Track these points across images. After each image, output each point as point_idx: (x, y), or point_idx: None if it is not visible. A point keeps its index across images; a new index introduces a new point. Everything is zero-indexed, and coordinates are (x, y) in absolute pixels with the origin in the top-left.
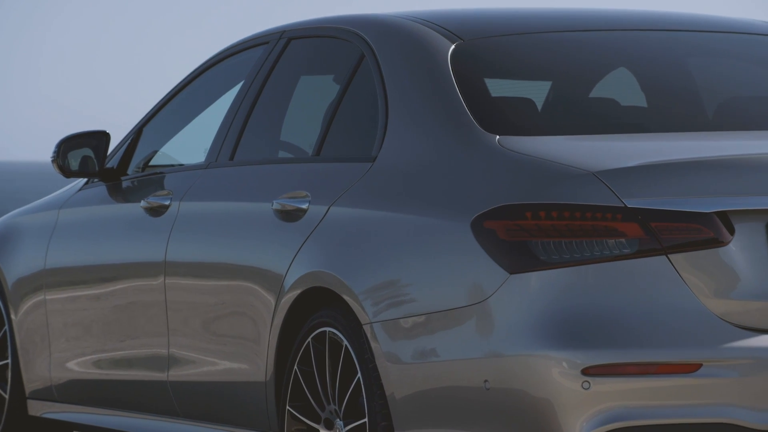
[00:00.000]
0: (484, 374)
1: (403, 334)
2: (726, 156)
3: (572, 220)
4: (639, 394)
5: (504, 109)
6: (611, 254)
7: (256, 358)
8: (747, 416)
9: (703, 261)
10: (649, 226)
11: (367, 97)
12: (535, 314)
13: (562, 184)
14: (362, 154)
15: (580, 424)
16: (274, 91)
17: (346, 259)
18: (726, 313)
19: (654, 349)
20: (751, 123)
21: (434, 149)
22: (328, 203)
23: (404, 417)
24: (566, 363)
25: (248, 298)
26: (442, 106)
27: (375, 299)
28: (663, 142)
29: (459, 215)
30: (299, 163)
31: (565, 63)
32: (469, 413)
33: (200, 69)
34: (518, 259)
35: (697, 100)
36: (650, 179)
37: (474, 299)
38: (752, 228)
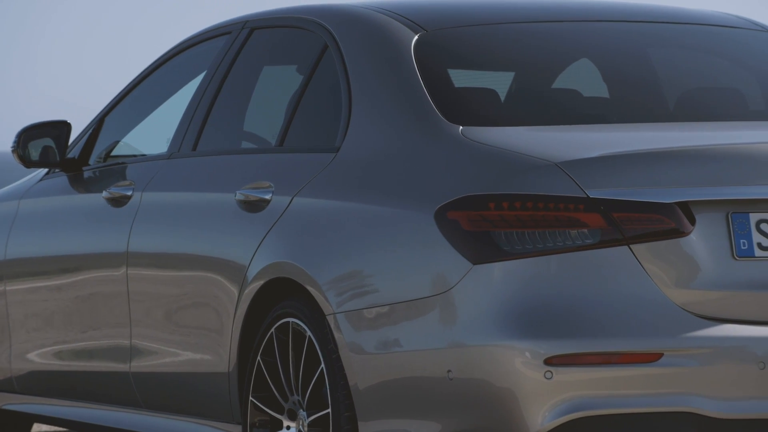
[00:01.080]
0: (448, 364)
1: (367, 325)
2: (687, 147)
3: (535, 211)
4: (601, 384)
5: (467, 99)
6: (574, 245)
7: (219, 349)
8: (707, 405)
9: (665, 251)
10: (611, 216)
11: (331, 88)
12: (498, 304)
13: (525, 174)
14: (326, 144)
15: (542, 414)
16: (237, 81)
17: (309, 250)
18: (687, 302)
19: (616, 339)
20: (711, 114)
21: (397, 140)
22: (291, 194)
23: (367, 407)
24: (529, 353)
25: (211, 289)
26: (405, 97)
27: (338, 290)
28: (625, 133)
29: (422, 206)
30: (262, 154)
31: (528, 54)
32: (433, 403)
33: (162, 59)
34: (481, 250)
35: (658, 92)
36: (612, 170)
37: (437, 290)
38: (713, 218)
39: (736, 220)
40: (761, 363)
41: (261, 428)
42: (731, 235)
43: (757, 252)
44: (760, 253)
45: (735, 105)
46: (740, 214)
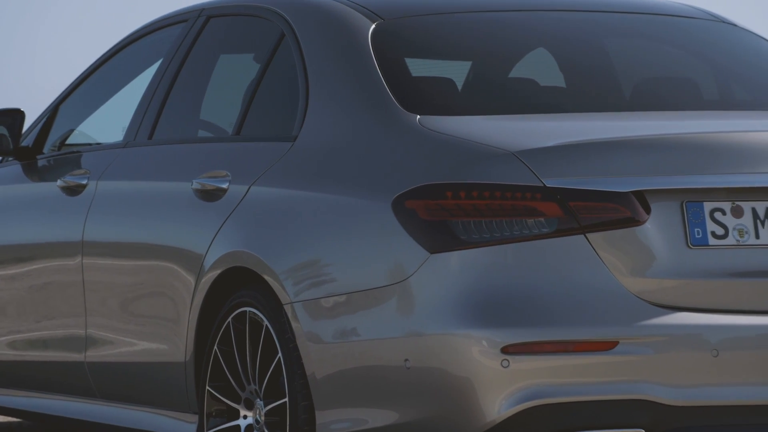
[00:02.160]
0: (405, 353)
1: (324, 314)
2: (642, 136)
3: (492, 200)
4: (557, 372)
5: (424, 89)
6: (531, 233)
7: (175, 339)
8: (661, 392)
9: (620, 240)
10: (567, 205)
11: (288, 77)
12: (455, 293)
13: (483, 163)
14: (283, 133)
15: (499, 402)
16: (194, 69)
17: (266, 239)
18: (642, 291)
19: (572, 327)
20: (666, 104)
21: (355, 129)
22: (248, 183)
23: (325, 396)
24: (486, 341)
25: (167, 278)
26: (362, 86)
27: (296, 279)
28: (581, 122)
29: (380, 195)
30: (219, 143)
31: (485, 43)
32: (390, 392)
33: (118, 47)
34: (439, 239)
35: (614, 81)
36: (569, 159)
37: (395, 279)
38: (668, 207)
39: (690, 209)
40: (715, 351)
41: (217, 418)
42: (686, 223)
43: (711, 241)
44: (714, 242)
45: (690, 95)
46: (694, 203)
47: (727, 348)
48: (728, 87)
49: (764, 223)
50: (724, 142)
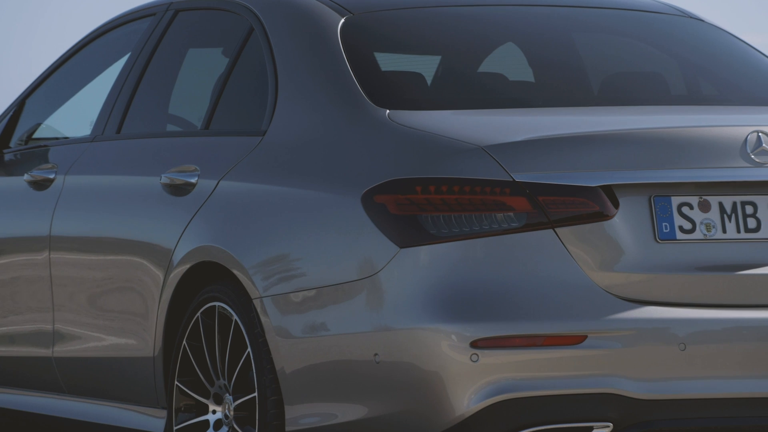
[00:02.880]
0: (375, 348)
1: (294, 309)
2: (611, 131)
3: (462, 195)
4: (526, 366)
5: (394, 83)
6: (500, 228)
7: (144, 334)
8: (630, 386)
9: (589, 234)
10: (536, 200)
11: (257, 71)
12: (425, 288)
13: (452, 158)
14: (252, 128)
15: (468, 397)
16: (162, 63)
17: (235, 234)
18: (610, 285)
19: (541, 322)
20: (634, 98)
21: (324, 123)
22: (217, 177)
23: (294, 391)
24: (455, 336)
25: (136, 273)
26: (331, 80)
27: (265, 274)
28: (550, 117)
29: (349, 189)
30: (188, 137)
31: (454, 38)
32: (360, 387)
33: (85, 40)
34: (408, 233)
35: (582, 76)
36: (538, 153)
37: (364, 273)
38: (636, 202)
39: (658, 204)
40: (682, 344)
41: (186, 413)
42: (653, 218)
43: (679, 235)
44: (682, 236)
45: (657, 90)
46: (662, 197)
47: (694, 342)
48: (695, 82)
49: (731, 217)
50: (692, 136)
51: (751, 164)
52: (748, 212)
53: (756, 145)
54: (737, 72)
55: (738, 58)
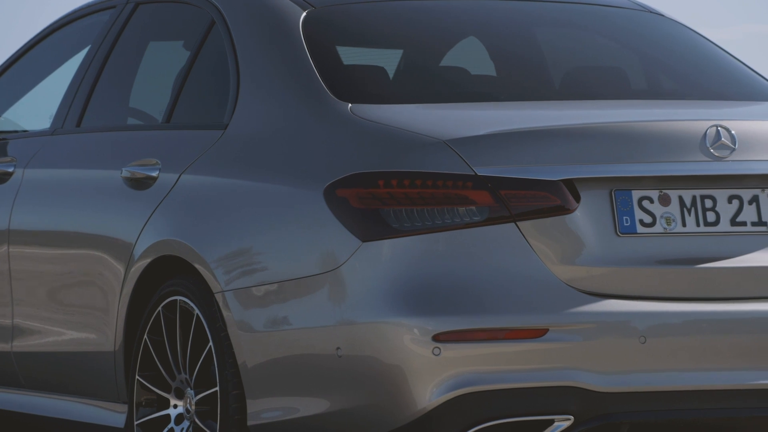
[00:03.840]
0: (337, 342)
1: (256, 303)
2: (572, 125)
3: (424, 188)
4: (488, 360)
5: (356, 77)
6: (462, 222)
7: (104, 328)
8: (590, 379)
9: (550, 228)
10: (498, 194)
11: (218, 64)
12: (387, 282)
13: (414, 152)
14: (213, 121)
15: (430, 390)
16: (122, 56)
17: (197, 228)
18: (571, 279)
19: (502, 315)
20: (596, 93)
21: (286, 117)
22: (178, 171)
23: (256, 385)
24: (417, 330)
25: (96, 267)
26: (293, 74)
27: (227, 268)
28: (512, 111)
29: (311, 183)
30: (149, 131)
31: (416, 31)
32: (322, 380)
33: (45, 33)
34: (370, 227)
35: (544, 70)
36: (500, 147)
37: (326, 267)
38: (597, 195)
39: (619, 197)
40: (642, 337)
41: (147, 407)
42: (614, 212)
43: (639, 228)
44: (642, 230)
45: (618, 84)
46: (623, 191)
47: (654, 335)
48: (656, 77)
49: (690, 211)
50: (652, 131)
51: (710, 158)
52: (707, 206)
53: (715, 139)
54: (697, 67)
55: (697, 53)
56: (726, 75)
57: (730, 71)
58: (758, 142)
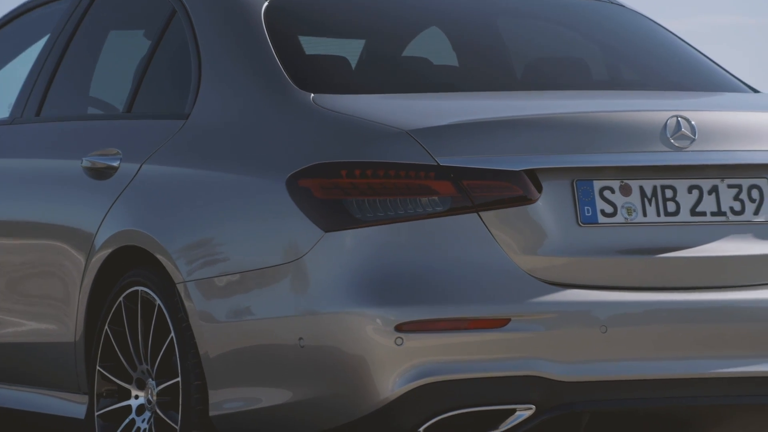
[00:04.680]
0: (299, 332)
1: (218, 293)
2: (534, 115)
3: (386, 179)
4: (450, 350)
5: (318, 67)
6: (424, 212)
7: (65, 319)
8: (552, 368)
9: (513, 218)
10: (461, 184)
11: (180, 53)
12: (350, 272)
13: (377, 142)
14: (175, 111)
15: (392, 380)
16: (82, 45)
17: (158, 218)
18: (533, 269)
19: (465, 305)
20: (557, 83)
21: (248, 107)
22: (140, 161)
23: (218, 375)
24: (380, 320)
25: (57, 258)
26: (255, 64)
27: (189, 258)
28: (474, 101)
29: (274, 173)
30: (109, 120)
31: (378, 21)
32: (284, 371)
33: (4, 21)
34: (333, 218)
35: (506, 60)
36: (462, 138)
37: (289, 257)
38: (559, 186)
39: (580, 188)
40: (604, 327)
41: (108, 398)
42: (576, 202)
43: (601, 218)
44: (604, 220)
45: (580, 75)
46: (584, 181)
47: (615, 324)
48: (617, 67)
49: (651, 201)
50: (613, 121)
51: (670, 149)
52: (667, 196)
53: (675, 129)
54: (657, 58)
55: (658, 44)
56: (686, 66)
57: (690, 62)
58: (718, 133)
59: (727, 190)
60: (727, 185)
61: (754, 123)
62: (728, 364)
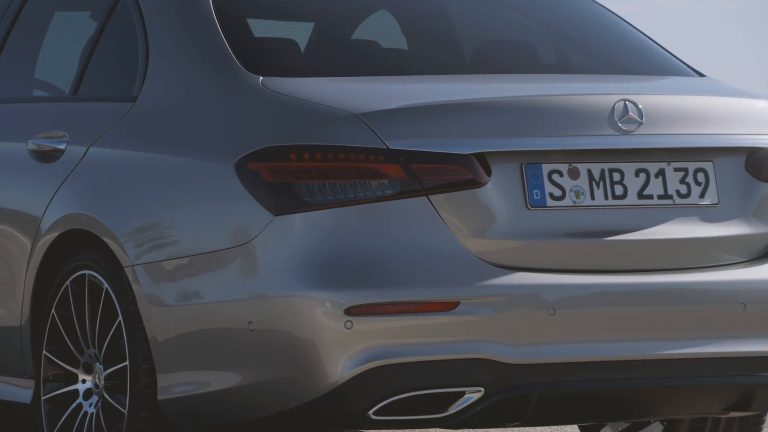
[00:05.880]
0: (249, 315)
1: (166, 277)
2: (483, 99)
3: (336, 162)
4: (400, 333)
5: (267, 50)
6: (374, 195)
7: (10, 302)
8: (501, 351)
9: (462, 202)
10: (410, 167)
11: (127, 35)
12: (299, 255)
13: (327, 125)
14: (122, 94)
15: (342, 363)
16: (27, 27)
17: (106, 201)
18: (482, 252)
19: (414, 288)
20: (506, 67)
21: (197, 90)
22: (86, 144)
23: (167, 359)
24: (329, 303)
25: (2, 241)
26: (204, 47)
27: (137, 242)
28: (424, 85)
29: (223, 157)
30: (56, 102)
31: (327, 4)
32: (234, 355)
33: None
34: (282, 201)
35: (455, 44)
36: (412, 121)
37: (238, 241)
38: (508, 169)
39: (529, 171)
40: (552, 309)
41: (55, 382)
42: (525, 185)
43: (549, 202)
44: (552, 203)
45: (528, 58)
46: (533, 165)
47: (564, 307)
48: (565, 51)
49: (599, 184)
50: (562, 105)
51: (618, 132)
52: (615, 179)
53: (623, 113)
54: (605, 41)
55: (606, 28)
56: (633, 49)
57: (637, 46)
58: (664, 116)
59: (673, 174)
60: (674, 168)
61: (700, 107)
62: (675, 346)
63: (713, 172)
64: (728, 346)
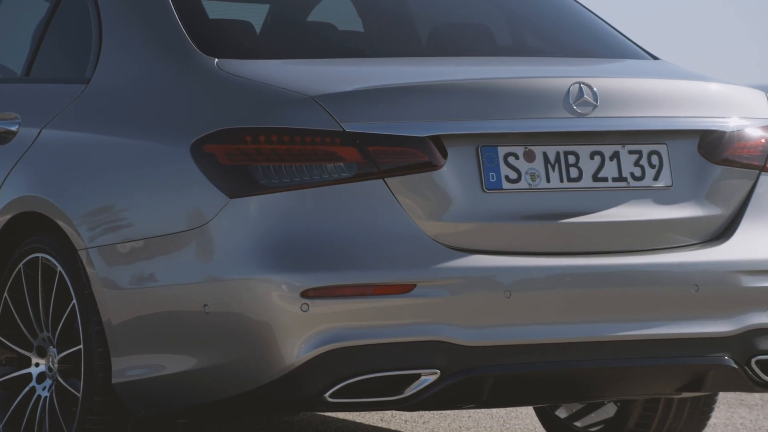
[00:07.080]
0: (204, 299)
1: (121, 260)
2: (439, 81)
3: (292, 145)
4: (356, 316)
5: (222, 31)
6: (330, 178)
7: None
8: (457, 333)
9: (418, 184)
10: (366, 150)
11: (79, 16)
12: (255, 238)
13: (282, 108)
14: (75, 75)
15: (298, 346)
16: None
17: (60, 183)
18: (438, 234)
19: (370, 271)
20: (462, 49)
21: (151, 72)
22: (39, 125)
23: (121, 342)
24: (285, 286)
25: None
26: (158, 28)
27: (91, 224)
28: (380, 67)
29: (178, 139)
30: (7, 84)
31: None
32: (189, 337)
33: None
34: (238, 184)
35: (411, 26)
36: (368, 104)
37: (194, 224)
38: (464, 152)
39: (485, 154)
40: (507, 292)
41: (7, 366)
42: (481, 168)
43: (505, 184)
44: (508, 186)
45: (484, 41)
46: (489, 147)
47: (519, 289)
48: (520, 33)
49: (554, 167)
50: (517, 87)
51: (573, 115)
52: (570, 162)
53: (578, 96)
54: (560, 24)
55: (561, 11)
56: (588, 33)
57: (591, 29)
58: (619, 99)
59: (628, 156)
60: (628, 151)
61: (654, 90)
62: (629, 327)
63: (667, 154)
64: (681, 327)
